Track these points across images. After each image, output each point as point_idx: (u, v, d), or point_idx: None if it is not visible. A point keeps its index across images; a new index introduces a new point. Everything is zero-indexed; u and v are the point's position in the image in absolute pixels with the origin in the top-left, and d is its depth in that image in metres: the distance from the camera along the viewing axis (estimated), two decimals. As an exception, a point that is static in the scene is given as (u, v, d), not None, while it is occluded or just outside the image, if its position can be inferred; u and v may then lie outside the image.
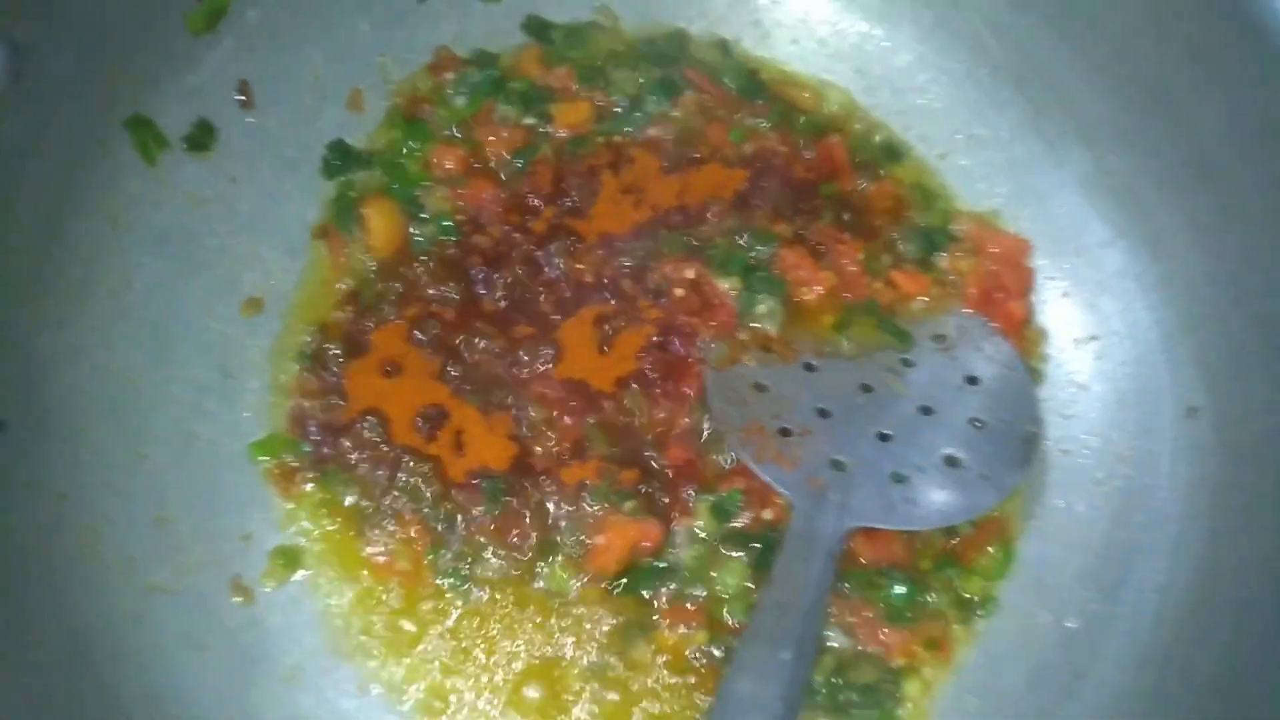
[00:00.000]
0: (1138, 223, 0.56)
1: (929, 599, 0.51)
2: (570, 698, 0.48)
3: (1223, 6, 0.46)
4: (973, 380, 0.55)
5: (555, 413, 0.53)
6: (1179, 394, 0.53)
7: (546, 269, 0.57)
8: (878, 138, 0.61)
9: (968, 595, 0.52)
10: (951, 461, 0.51)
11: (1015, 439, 0.53)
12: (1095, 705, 0.47)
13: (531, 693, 0.48)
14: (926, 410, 0.54)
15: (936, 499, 0.49)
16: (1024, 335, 0.58)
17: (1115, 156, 0.56)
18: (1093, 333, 0.57)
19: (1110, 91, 0.54)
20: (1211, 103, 0.49)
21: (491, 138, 0.59)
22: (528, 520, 0.51)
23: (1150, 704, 0.46)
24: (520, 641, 0.49)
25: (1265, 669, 0.42)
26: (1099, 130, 0.56)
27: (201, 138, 0.52)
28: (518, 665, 0.49)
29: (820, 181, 0.60)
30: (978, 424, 0.53)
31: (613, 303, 0.57)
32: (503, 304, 0.56)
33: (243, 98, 0.54)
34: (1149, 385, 0.55)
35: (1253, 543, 0.46)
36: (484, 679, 0.48)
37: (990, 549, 0.53)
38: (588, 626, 0.49)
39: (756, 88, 0.61)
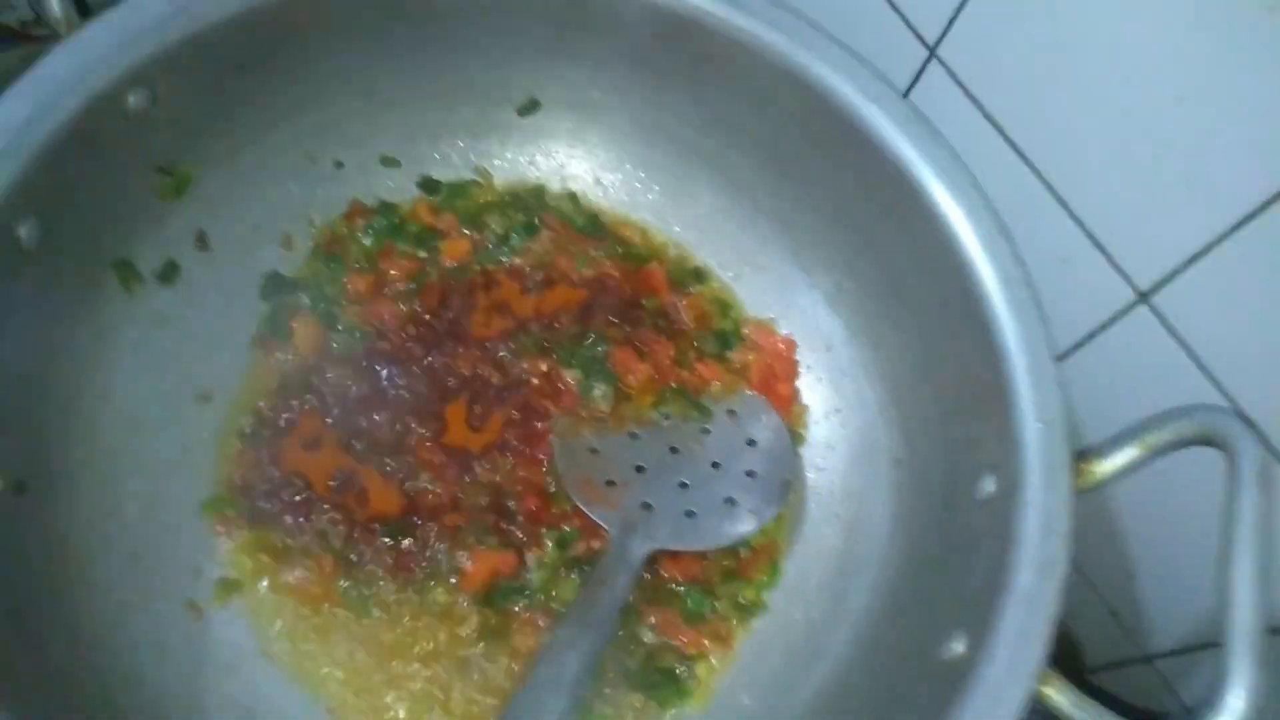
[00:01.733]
0: (864, 327, 0.69)
1: (716, 605, 0.64)
2: (446, 686, 0.59)
3: (900, 182, 0.61)
4: (752, 442, 0.68)
5: (438, 473, 0.63)
6: (890, 449, 0.66)
7: (434, 366, 0.67)
8: (687, 264, 0.74)
9: (744, 601, 0.64)
10: (730, 501, 0.65)
11: (776, 484, 0.66)
12: (824, 673, 0.60)
13: (416, 683, 0.59)
14: (716, 465, 0.67)
15: (715, 528, 0.63)
16: (791, 410, 0.71)
17: (848, 281, 0.70)
18: (837, 406, 0.71)
19: (839, 236, 0.69)
20: (901, 244, 0.64)
21: (392, 269, 0.69)
22: (414, 554, 0.61)
23: (861, 670, 0.59)
24: (409, 644, 0.59)
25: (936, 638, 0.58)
26: (835, 262, 0.70)
27: (168, 273, 0.62)
28: (408, 662, 0.59)
29: (643, 297, 0.72)
30: (751, 474, 0.66)
31: (484, 390, 0.66)
32: (399, 394, 0.65)
33: (200, 243, 0.64)
34: (871, 444, 0.67)
35: (927, 556, 0.61)
36: (379, 675, 0.59)
37: (763, 566, 0.66)
38: (461, 633, 0.60)
39: (598, 228, 0.74)
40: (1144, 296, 0.63)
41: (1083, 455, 0.53)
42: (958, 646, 0.51)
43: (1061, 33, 0.60)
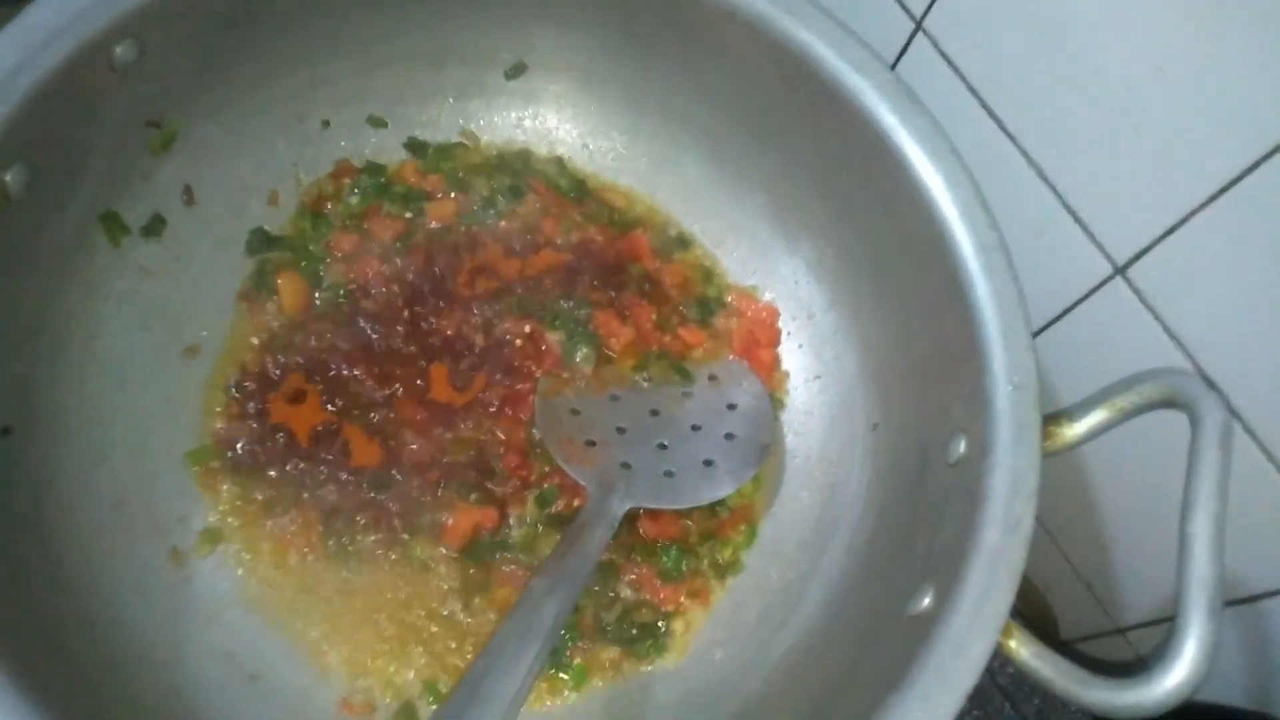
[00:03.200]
0: (845, 295, 0.70)
1: (694, 564, 0.65)
2: (425, 637, 0.60)
3: (882, 151, 0.62)
4: (732, 406, 0.69)
5: (421, 430, 0.64)
6: (867, 414, 0.67)
7: (418, 325, 0.67)
8: (672, 231, 0.76)
9: (722, 561, 0.66)
10: (709, 463, 0.65)
11: (754, 447, 0.67)
12: (798, 631, 0.61)
13: (396, 633, 0.60)
14: (696, 428, 0.67)
15: (694, 488, 0.64)
16: (772, 376, 0.72)
17: (830, 249, 0.71)
18: (817, 373, 0.72)
19: (822, 205, 0.69)
20: (881, 212, 0.64)
21: (378, 228, 0.70)
22: (396, 508, 0.62)
23: (833, 627, 0.60)
24: (389, 595, 0.60)
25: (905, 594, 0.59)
26: (818, 231, 0.71)
27: (154, 226, 0.63)
28: (388, 612, 0.60)
29: (628, 263, 0.73)
30: (731, 437, 0.67)
31: (468, 350, 0.67)
32: (382, 350, 0.66)
33: (186, 197, 0.64)
34: (849, 409, 0.68)
35: (900, 516, 0.61)
36: (360, 625, 0.60)
37: (741, 528, 0.67)
38: (443, 586, 0.62)
39: (583, 193, 0.75)
40: (1120, 269, 0.64)
41: (1053, 418, 0.54)
42: (925, 601, 0.52)
43: (1045, 6, 0.61)
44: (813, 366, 0.72)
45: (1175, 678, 0.43)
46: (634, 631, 0.63)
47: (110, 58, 0.56)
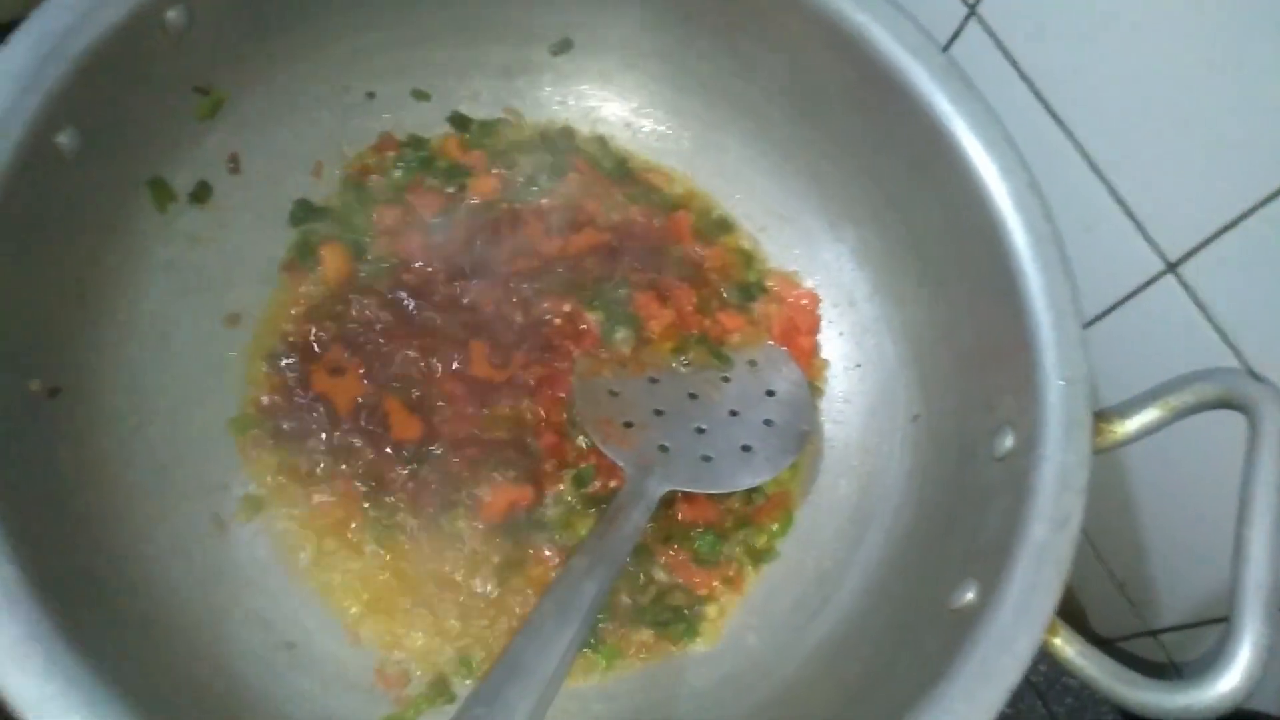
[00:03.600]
0: (888, 283, 0.70)
1: (729, 549, 0.65)
2: (461, 612, 0.60)
3: (934, 136, 0.61)
4: (770, 393, 0.69)
5: (459, 406, 0.64)
6: (908, 404, 0.67)
7: (459, 301, 0.67)
8: (713, 214, 0.75)
9: (757, 547, 0.66)
10: (746, 448, 0.65)
11: (793, 435, 0.67)
12: (834, 619, 0.61)
13: (433, 608, 0.60)
14: (734, 413, 0.67)
15: (731, 473, 0.64)
16: (811, 363, 0.72)
17: (873, 236, 0.70)
18: (858, 362, 0.71)
19: (866, 192, 0.69)
20: (930, 199, 0.64)
21: (421, 202, 0.69)
22: (434, 483, 0.62)
23: (870, 617, 0.60)
24: (425, 568, 0.60)
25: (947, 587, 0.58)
26: (862, 217, 0.71)
27: (201, 194, 0.63)
28: (425, 587, 0.60)
29: (668, 245, 0.72)
30: (769, 423, 0.67)
31: (507, 327, 0.66)
32: (423, 326, 0.65)
33: (232, 165, 0.65)
34: (890, 399, 0.68)
35: (941, 509, 0.61)
36: (397, 599, 0.60)
37: (777, 514, 0.67)
38: (478, 561, 0.61)
39: (625, 173, 0.75)
40: (1172, 266, 0.63)
41: (1103, 415, 0.54)
42: (968, 595, 0.51)
43: (1102, -5, 0.60)
44: (853, 354, 0.72)
45: (1229, 682, 0.42)
46: (667, 614, 0.63)
47: (162, 22, 0.56)
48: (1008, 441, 0.55)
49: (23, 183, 0.49)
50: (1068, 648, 0.48)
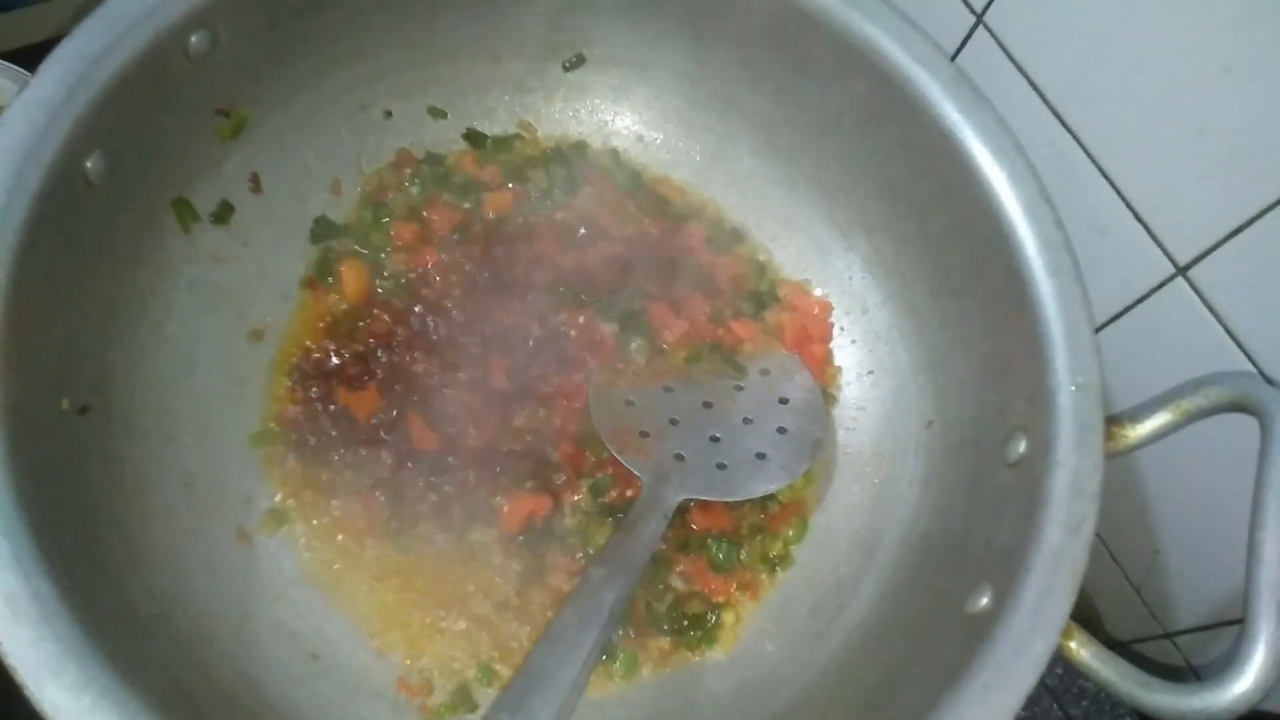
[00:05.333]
0: (900, 291, 0.70)
1: (744, 556, 0.66)
2: (482, 622, 0.61)
3: (944, 146, 0.62)
4: (784, 400, 0.69)
5: (477, 418, 0.65)
6: (921, 411, 0.67)
7: (476, 315, 0.68)
8: (725, 224, 0.76)
9: (773, 555, 0.66)
10: (760, 456, 0.66)
11: (807, 442, 0.67)
12: (851, 626, 0.62)
13: (454, 619, 0.61)
14: (748, 421, 0.68)
15: (746, 481, 0.64)
16: (825, 370, 0.73)
17: (884, 244, 0.71)
18: (870, 369, 0.72)
19: (878, 199, 0.70)
20: (941, 207, 0.64)
21: (437, 218, 0.70)
22: (454, 495, 0.63)
23: (887, 623, 0.61)
24: (446, 579, 0.61)
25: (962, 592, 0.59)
26: (873, 226, 0.71)
27: (223, 213, 0.64)
28: (447, 598, 0.61)
29: (682, 256, 0.73)
30: (783, 431, 0.68)
31: (524, 339, 0.68)
32: (441, 339, 0.67)
33: (253, 185, 0.66)
34: (903, 405, 0.68)
35: (955, 514, 0.62)
36: (418, 610, 0.61)
37: (792, 521, 0.68)
38: (498, 572, 0.62)
39: (638, 185, 0.76)
40: (1182, 270, 0.63)
41: (1115, 420, 0.54)
42: (983, 600, 0.52)
43: (1109, 1, 0.60)
44: (865, 362, 0.72)
45: (1244, 684, 0.43)
46: (684, 622, 0.63)
47: (185, 47, 0.57)
48: (1021, 447, 0.56)
49: (53, 207, 0.50)
50: (1083, 651, 0.49)
